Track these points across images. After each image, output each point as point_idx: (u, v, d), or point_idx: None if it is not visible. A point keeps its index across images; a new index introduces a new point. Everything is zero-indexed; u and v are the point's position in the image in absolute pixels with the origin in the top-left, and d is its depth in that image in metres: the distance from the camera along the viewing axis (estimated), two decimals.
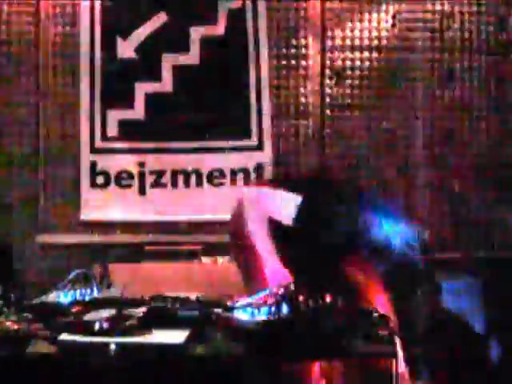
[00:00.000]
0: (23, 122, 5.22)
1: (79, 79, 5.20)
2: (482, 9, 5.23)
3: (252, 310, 2.57)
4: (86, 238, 5.18)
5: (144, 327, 2.60)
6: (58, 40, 5.23)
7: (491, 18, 5.23)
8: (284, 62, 5.24)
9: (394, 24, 5.24)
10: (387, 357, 2.58)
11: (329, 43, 5.24)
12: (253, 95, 5.19)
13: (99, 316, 2.57)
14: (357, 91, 5.24)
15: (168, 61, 5.18)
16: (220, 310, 2.69)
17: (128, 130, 5.21)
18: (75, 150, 5.21)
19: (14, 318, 2.61)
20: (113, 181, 5.20)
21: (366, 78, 5.24)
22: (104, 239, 5.17)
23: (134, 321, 2.65)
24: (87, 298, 2.78)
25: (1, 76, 5.22)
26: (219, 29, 5.18)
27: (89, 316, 2.59)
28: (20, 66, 5.22)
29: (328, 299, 2.57)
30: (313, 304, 2.53)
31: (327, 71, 5.24)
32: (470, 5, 5.23)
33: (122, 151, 5.21)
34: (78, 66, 5.20)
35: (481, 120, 5.23)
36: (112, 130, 5.20)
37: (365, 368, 2.81)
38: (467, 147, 5.22)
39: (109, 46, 5.19)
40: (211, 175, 5.21)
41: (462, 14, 5.24)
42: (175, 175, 5.21)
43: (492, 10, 5.23)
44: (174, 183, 5.22)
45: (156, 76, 5.17)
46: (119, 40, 5.19)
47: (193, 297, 2.81)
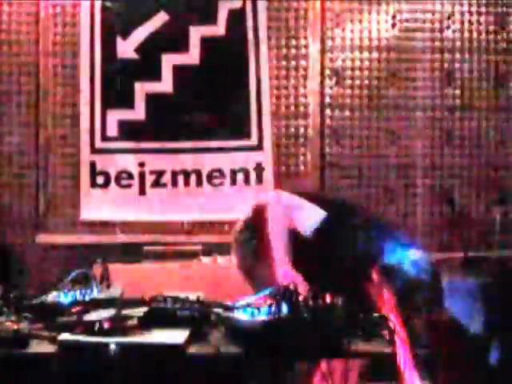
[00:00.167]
0: (23, 122, 5.22)
1: (79, 79, 5.21)
2: (482, 9, 5.23)
3: (252, 310, 2.56)
4: (86, 238, 5.18)
5: (144, 327, 2.60)
6: (58, 40, 5.23)
7: (491, 18, 5.23)
8: (284, 62, 5.25)
9: (394, 24, 5.24)
10: (387, 357, 2.58)
11: (329, 43, 5.24)
12: (253, 95, 5.19)
13: (99, 316, 2.57)
14: (357, 91, 5.24)
15: (168, 61, 5.18)
16: (220, 310, 2.69)
17: (128, 130, 5.21)
18: (75, 150, 5.21)
19: (14, 318, 2.61)
20: (113, 181, 5.20)
21: (366, 78, 5.24)
22: (104, 239, 5.17)
23: (134, 321, 2.65)
24: (87, 298, 2.78)
25: (1, 76, 5.22)
26: (219, 29, 5.19)
27: (89, 316, 2.59)
28: (20, 66, 5.22)
29: (328, 299, 2.57)
30: (313, 304, 2.53)
31: (327, 71, 5.24)
32: (470, 5, 5.23)
33: (122, 151, 5.21)
34: (78, 66, 5.20)
35: (481, 120, 5.23)
36: (112, 130, 5.20)
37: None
38: (467, 147, 5.23)
39: (109, 46, 5.19)
40: (211, 175, 5.21)
41: (462, 14, 5.24)
42: (175, 175, 5.21)
43: (492, 10, 5.23)
44: (174, 183, 5.22)
45: (156, 76, 5.17)
46: (119, 40, 5.19)
47: (193, 297, 2.81)
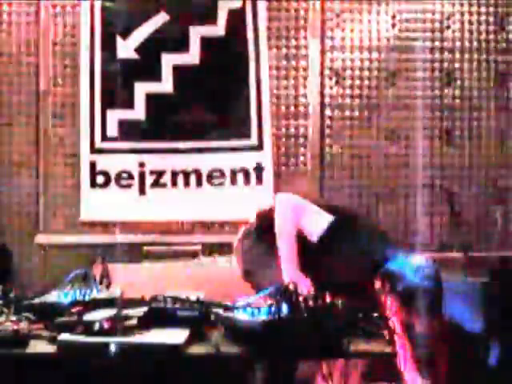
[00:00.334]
0: (23, 122, 5.22)
1: (79, 79, 5.20)
2: (482, 9, 5.23)
3: (252, 310, 2.57)
4: (86, 238, 5.17)
5: (144, 327, 2.60)
6: (58, 40, 5.23)
7: (491, 18, 5.23)
8: (284, 62, 5.25)
9: (394, 24, 5.24)
10: (387, 357, 2.58)
11: (329, 43, 5.24)
12: (253, 95, 5.19)
13: (99, 316, 2.57)
14: (357, 91, 5.24)
15: (168, 61, 5.18)
16: (220, 310, 2.69)
17: (128, 130, 5.20)
18: (75, 150, 5.21)
19: (14, 318, 2.61)
20: (113, 181, 5.20)
21: (366, 78, 5.24)
22: (104, 239, 5.17)
23: (134, 321, 2.65)
24: (87, 298, 2.78)
25: (1, 75, 5.22)
26: (219, 29, 5.18)
27: (89, 316, 2.59)
28: (20, 67, 5.22)
29: (328, 299, 2.57)
30: (313, 304, 2.53)
31: (327, 71, 5.24)
32: (470, 5, 5.23)
33: (122, 151, 5.21)
34: (78, 66, 5.20)
35: (481, 120, 5.23)
36: (112, 130, 5.20)
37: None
38: (467, 147, 5.23)
39: (109, 46, 5.19)
40: (211, 175, 5.21)
41: (462, 14, 5.24)
42: (175, 175, 5.21)
43: (492, 10, 5.23)
44: (174, 183, 5.22)
45: (156, 76, 5.17)
46: (119, 40, 5.19)
47: (193, 297, 2.81)
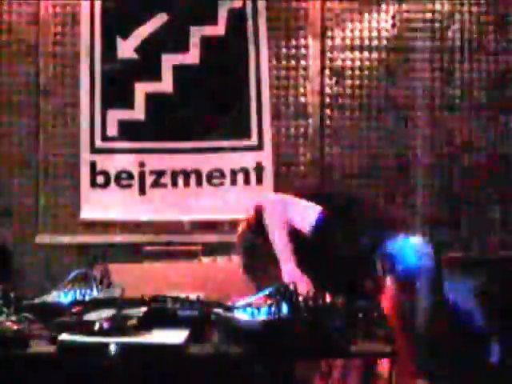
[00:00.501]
0: (23, 122, 5.22)
1: (79, 79, 5.21)
2: (482, 9, 5.23)
3: (252, 310, 2.56)
4: (86, 238, 5.18)
5: (144, 327, 2.60)
6: (58, 40, 5.23)
7: (491, 18, 5.23)
8: (284, 62, 5.25)
9: (394, 24, 5.24)
10: (387, 357, 2.58)
11: (329, 43, 5.24)
12: (253, 95, 5.19)
13: (99, 316, 2.57)
14: (357, 91, 5.24)
15: (168, 61, 5.18)
16: (220, 310, 2.69)
17: (128, 130, 5.21)
18: (75, 150, 5.21)
19: (14, 318, 2.61)
20: (113, 181, 5.20)
21: (366, 78, 5.24)
22: (104, 239, 5.17)
23: (134, 321, 2.65)
24: (87, 298, 2.78)
25: (1, 75, 5.22)
26: (219, 29, 5.19)
27: (89, 316, 2.59)
28: (20, 66, 5.22)
29: (328, 299, 2.57)
30: (313, 304, 2.53)
31: (327, 71, 5.24)
32: (470, 5, 5.23)
33: (122, 151, 5.21)
34: (78, 66, 5.20)
35: (481, 120, 5.23)
36: (112, 130, 5.20)
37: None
38: (467, 147, 5.23)
39: (109, 46, 5.19)
40: (211, 175, 5.21)
41: (462, 14, 5.24)
42: (175, 175, 5.21)
43: (492, 10, 5.23)
44: (174, 183, 5.22)
45: (156, 76, 5.17)
46: (119, 40, 5.19)
47: (193, 297, 2.81)
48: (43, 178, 5.21)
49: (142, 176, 5.20)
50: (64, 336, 2.50)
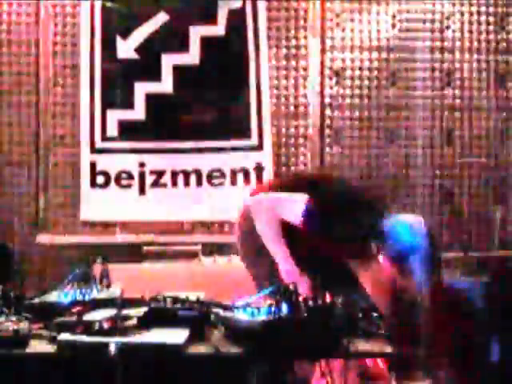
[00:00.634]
0: (23, 122, 5.22)
1: (79, 79, 5.21)
2: (482, 9, 5.23)
3: (252, 310, 2.56)
4: (86, 238, 5.18)
5: (144, 327, 2.60)
6: (58, 40, 5.23)
7: (491, 18, 5.23)
8: (284, 62, 5.25)
9: (394, 24, 5.24)
10: (387, 357, 2.58)
11: (329, 43, 5.24)
12: (253, 95, 5.19)
13: (99, 316, 2.57)
14: (357, 91, 5.24)
15: (168, 61, 5.18)
16: (220, 310, 2.69)
17: (128, 130, 5.21)
18: (75, 150, 5.21)
19: (14, 318, 2.61)
20: (113, 181, 5.20)
21: (366, 78, 5.24)
22: (104, 239, 5.17)
23: (134, 321, 2.65)
24: (87, 298, 2.78)
25: (1, 75, 5.22)
26: (219, 29, 5.19)
27: (89, 316, 2.59)
28: (20, 66, 5.22)
29: (328, 299, 2.57)
30: (313, 304, 2.53)
31: (327, 71, 5.24)
32: (470, 5, 5.23)
33: (122, 151, 5.21)
34: (78, 66, 5.20)
35: (481, 120, 5.23)
36: (112, 130, 5.20)
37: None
38: (467, 147, 5.23)
39: (109, 46, 5.19)
40: (211, 175, 5.21)
41: (462, 14, 5.24)
42: (175, 175, 5.21)
43: (492, 10, 5.23)
44: (174, 183, 5.22)
45: (156, 76, 5.17)
46: (119, 40, 5.19)
47: (193, 297, 2.81)
48: (43, 178, 5.21)
49: (142, 176, 5.20)
50: (64, 336, 2.50)
